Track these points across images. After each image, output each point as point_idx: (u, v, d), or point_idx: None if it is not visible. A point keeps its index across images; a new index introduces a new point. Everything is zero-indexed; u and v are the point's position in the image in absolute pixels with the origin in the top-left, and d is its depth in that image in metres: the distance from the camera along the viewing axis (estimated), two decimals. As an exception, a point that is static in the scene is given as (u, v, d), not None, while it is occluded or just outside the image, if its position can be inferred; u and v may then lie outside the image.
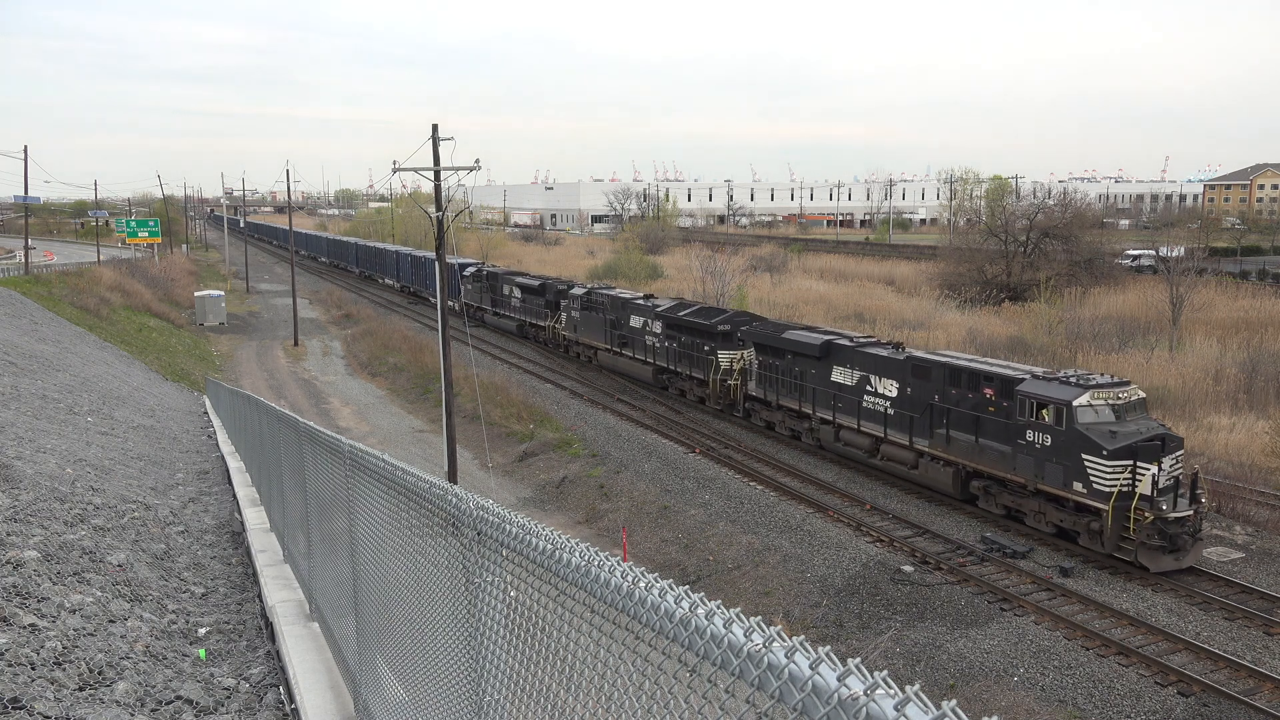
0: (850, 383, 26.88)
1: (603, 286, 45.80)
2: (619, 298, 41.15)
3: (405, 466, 4.85)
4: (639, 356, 38.78)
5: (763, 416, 31.37)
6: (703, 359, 33.91)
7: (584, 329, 43.62)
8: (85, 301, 57.56)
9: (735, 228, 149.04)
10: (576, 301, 43.96)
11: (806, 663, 1.71)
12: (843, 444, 27.28)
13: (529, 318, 50.82)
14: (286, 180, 72.45)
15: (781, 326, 31.66)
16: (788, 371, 29.38)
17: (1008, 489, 22.12)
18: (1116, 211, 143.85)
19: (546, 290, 49.11)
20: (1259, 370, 33.91)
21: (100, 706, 7.09)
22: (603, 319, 41.36)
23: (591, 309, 42.77)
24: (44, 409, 23.42)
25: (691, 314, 35.38)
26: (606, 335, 41.09)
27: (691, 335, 34.76)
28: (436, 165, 26.43)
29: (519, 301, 51.99)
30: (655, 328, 37.23)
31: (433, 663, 4.51)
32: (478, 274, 59.30)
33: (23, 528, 10.90)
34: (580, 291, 44.52)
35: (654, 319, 37.33)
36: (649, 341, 37.82)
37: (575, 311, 44.10)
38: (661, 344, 36.73)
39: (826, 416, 27.76)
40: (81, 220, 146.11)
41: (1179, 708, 15.11)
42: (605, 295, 42.32)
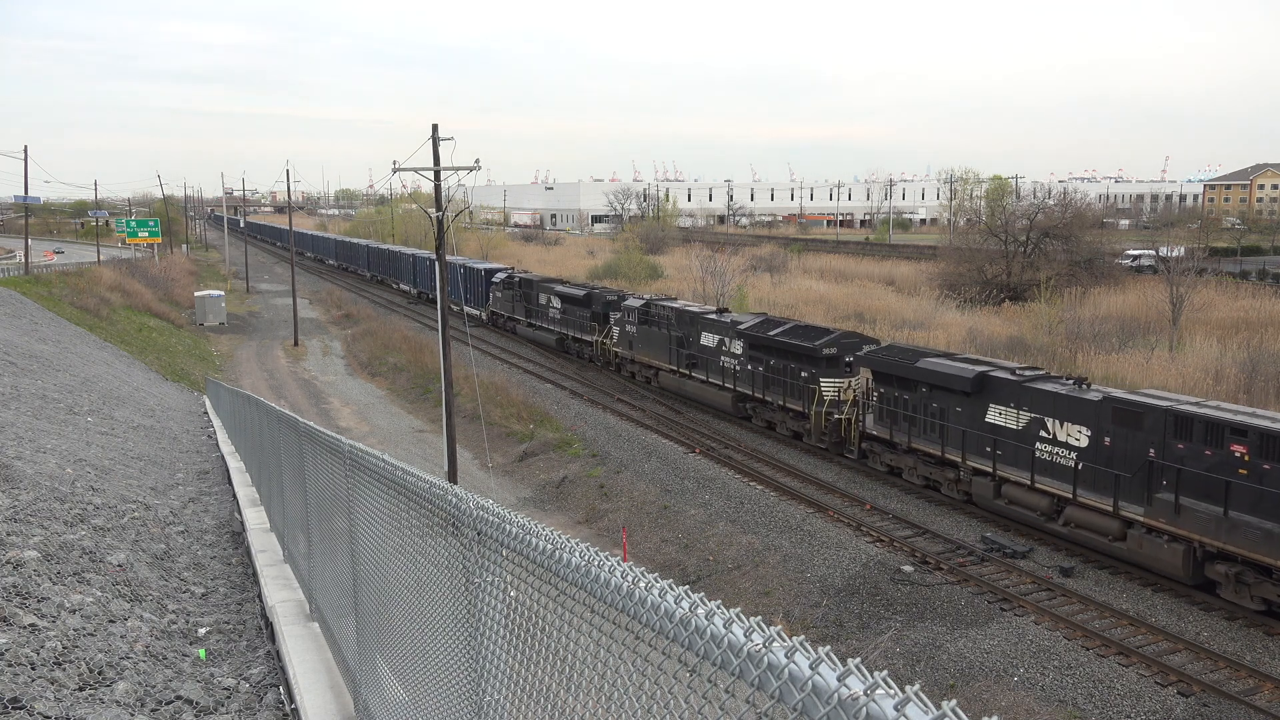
0: (1015, 426, 22.08)
1: (663, 298, 40.87)
2: (687, 311, 36.47)
3: (405, 466, 4.85)
4: (714, 380, 33.78)
5: (884, 460, 26.32)
6: (798, 387, 29.16)
7: (642, 345, 38.66)
8: (85, 301, 57.58)
9: (735, 228, 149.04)
10: (633, 314, 38.99)
11: (806, 663, 1.71)
12: (1006, 501, 22.26)
13: (571, 331, 45.99)
14: (286, 180, 72.52)
15: (914, 353, 26.51)
16: (922, 407, 24.63)
17: (1273, 578, 17.14)
18: (1116, 211, 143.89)
19: (593, 300, 44.05)
20: (1259, 370, 33.89)
21: (100, 706, 7.09)
22: (666, 335, 36.59)
23: (651, 323, 37.99)
24: (44, 409, 23.43)
25: (785, 333, 30.34)
26: (671, 354, 36.25)
27: (784, 358, 29.90)
28: (436, 165, 26.43)
29: (558, 312, 47.26)
30: (735, 347, 32.53)
31: (433, 663, 4.51)
32: (509, 281, 54.86)
33: (23, 528, 10.90)
34: (637, 303, 39.48)
35: (733, 337, 32.66)
36: (726, 363, 33.08)
37: (631, 325, 39.19)
38: (743, 367, 32.03)
39: (983, 467, 22.84)
40: (81, 220, 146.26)
41: (1179, 708, 15.11)
42: (669, 308, 37.54)
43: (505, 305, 54.72)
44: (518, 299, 52.65)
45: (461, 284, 60.15)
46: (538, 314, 49.88)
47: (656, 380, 38.09)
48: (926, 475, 24.95)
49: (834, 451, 28.16)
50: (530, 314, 50.89)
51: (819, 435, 28.69)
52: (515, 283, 53.99)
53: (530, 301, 50.89)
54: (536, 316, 50.11)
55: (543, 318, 49.38)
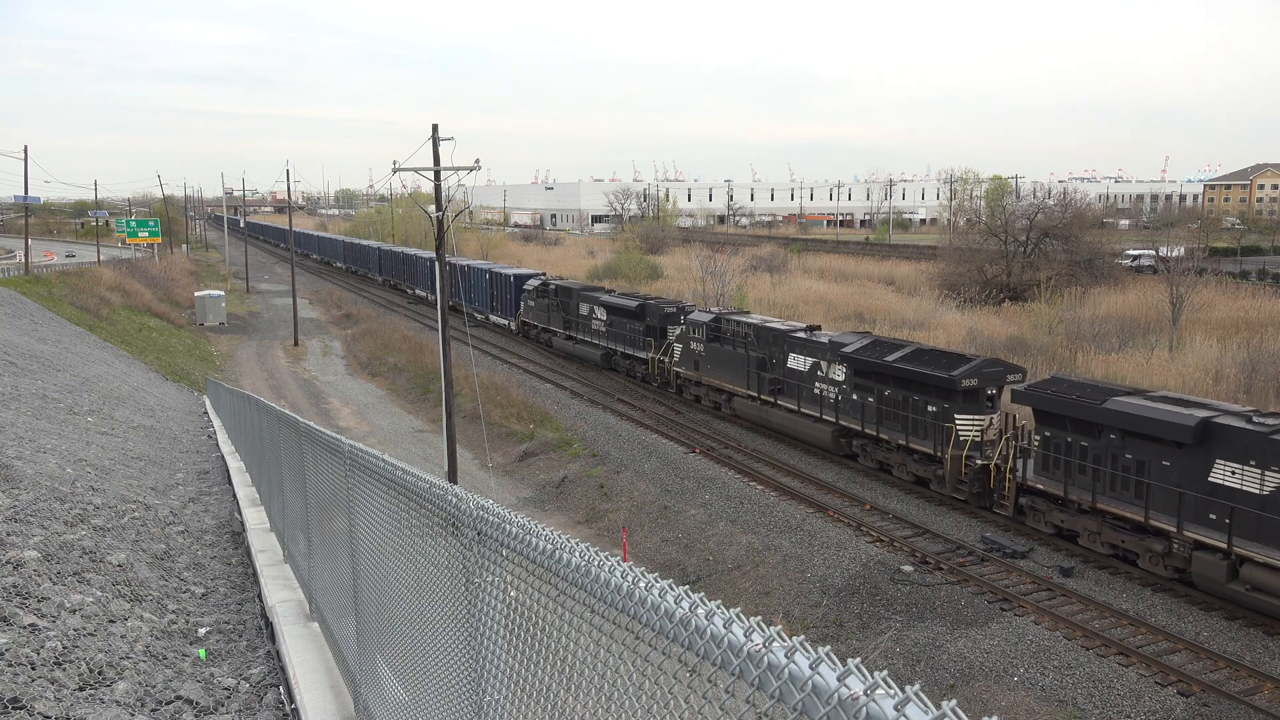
0: (1256, 489, 17.33)
1: (735, 312, 36.12)
2: (770, 329, 31.77)
3: (405, 466, 4.85)
4: (807, 411, 28.99)
5: (1051, 520, 21.39)
6: (925, 424, 24.47)
7: (711, 366, 34.14)
8: (85, 301, 57.59)
9: (735, 228, 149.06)
10: (699, 329, 34.53)
11: (806, 663, 1.71)
12: (1247, 586, 17.30)
13: (620, 346, 41.16)
14: (287, 180, 72.50)
15: (1096, 389, 21.35)
16: (1110, 458, 20.02)
17: None
18: (1116, 211, 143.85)
19: (647, 312, 39.29)
20: (1259, 370, 33.90)
21: (100, 706, 7.09)
22: (742, 355, 32.01)
23: (723, 340, 33.47)
24: (44, 409, 23.43)
25: (907, 359, 25.52)
26: (749, 377, 31.68)
27: (904, 388, 25.33)
28: (436, 165, 26.43)
29: (603, 325, 42.54)
30: (834, 373, 28.05)
31: (433, 663, 4.51)
32: (544, 289, 49.75)
33: (23, 528, 10.90)
34: (704, 318, 34.82)
35: (833, 360, 28.12)
36: (822, 391, 28.47)
37: (697, 343, 34.74)
38: (845, 396, 27.46)
39: (1209, 539, 17.88)
40: (81, 220, 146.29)
41: (1179, 708, 15.11)
42: (747, 324, 32.80)
43: (539, 315, 50.01)
44: (554, 309, 47.86)
45: (488, 291, 56.89)
46: (578, 326, 45.13)
47: (729, 406, 33.47)
48: (1116, 543, 20.09)
49: (975, 504, 23.39)
50: (569, 326, 46.19)
51: (955, 484, 23.79)
52: (551, 290, 48.94)
53: (569, 312, 46.27)
54: (577, 329, 45.33)
55: (585, 330, 44.52)
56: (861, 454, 27.36)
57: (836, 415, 27.85)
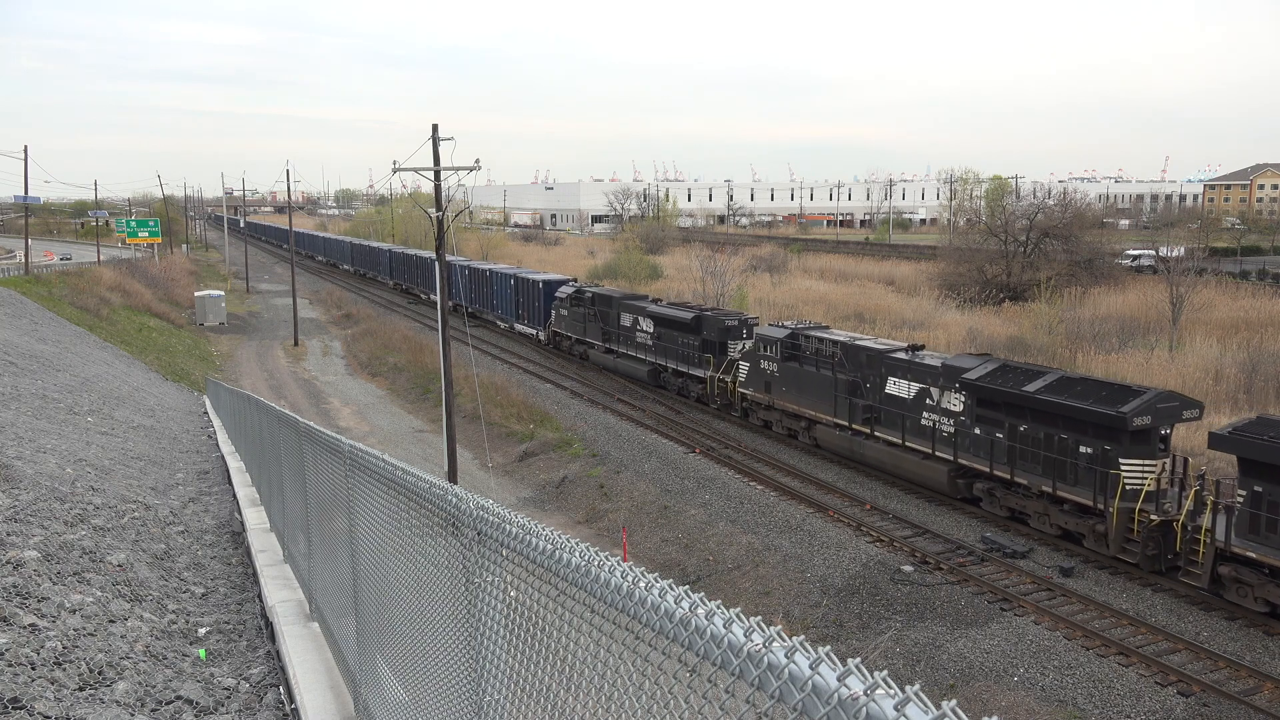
0: None
1: (813, 327, 31.76)
2: (862, 347, 27.70)
3: (405, 466, 4.85)
4: (915, 445, 24.97)
5: (1265, 596, 17.44)
6: (1077, 467, 20.69)
7: (787, 388, 29.99)
8: (85, 301, 57.59)
9: (735, 228, 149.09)
10: (771, 346, 30.65)
11: (806, 663, 1.71)
12: None
13: (671, 361, 37.24)
14: (287, 180, 72.50)
15: None
16: None
17: None
18: (1116, 211, 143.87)
19: (704, 325, 35.64)
20: (1259, 370, 33.92)
21: (100, 706, 7.09)
22: (827, 378, 28.12)
23: (801, 359, 29.54)
24: (44, 409, 23.43)
25: (1051, 389, 21.51)
26: (836, 403, 27.70)
27: (1048, 425, 21.39)
28: (436, 165, 26.44)
29: (650, 337, 38.86)
30: (950, 401, 24.29)
31: (433, 663, 4.51)
32: (579, 296, 45.78)
33: (23, 528, 10.90)
34: (778, 333, 30.80)
35: (948, 388, 24.28)
36: (934, 423, 24.57)
37: (769, 361, 30.73)
38: (965, 429, 23.61)
39: None
40: (81, 220, 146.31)
41: (1179, 708, 15.11)
42: (831, 341, 28.82)
43: (573, 325, 46.00)
44: (591, 318, 44.03)
45: (512, 297, 53.58)
46: (620, 338, 41.36)
47: (808, 434, 29.47)
48: None
49: (1148, 567, 19.59)
50: (609, 338, 42.33)
51: (1122, 543, 19.94)
52: (587, 298, 45.01)
53: (608, 322, 42.56)
54: (619, 341, 41.45)
55: (627, 343, 40.69)
56: (987, 498, 23.34)
57: (954, 452, 23.70)
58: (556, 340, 48.68)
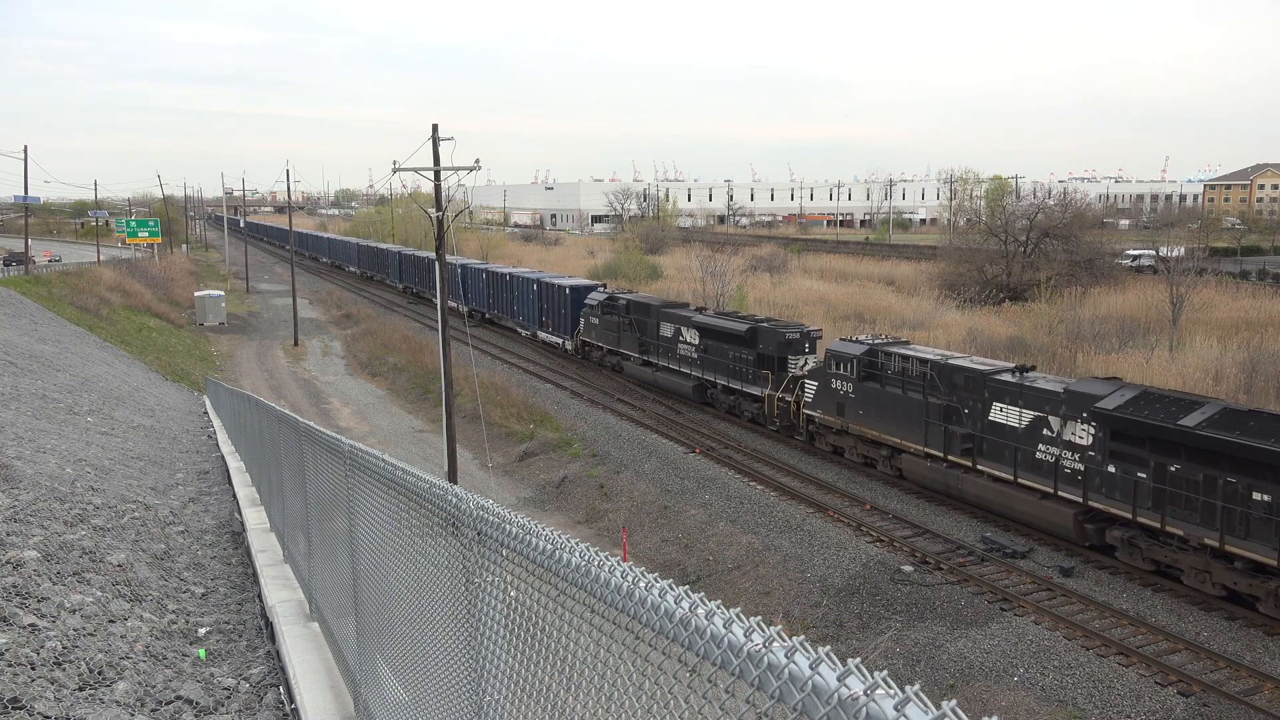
0: None
1: (895, 343, 28.00)
2: (957, 367, 24.18)
3: (405, 466, 4.85)
4: (1030, 482, 21.62)
5: None
6: (1249, 518, 17.43)
7: (864, 412, 26.57)
8: (85, 301, 57.61)
9: (735, 228, 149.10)
10: (847, 365, 27.06)
11: (806, 663, 1.71)
12: None
13: (720, 377, 33.91)
14: (287, 180, 72.51)
15: None
16: None
17: None
18: (1116, 211, 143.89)
19: (760, 338, 32.07)
20: (1259, 370, 33.90)
21: (100, 706, 7.09)
22: (917, 401, 24.64)
23: (883, 380, 25.97)
24: (44, 409, 23.43)
25: (1214, 424, 18.18)
26: (928, 430, 24.32)
27: (1208, 465, 18.13)
28: (436, 165, 26.44)
29: (694, 350, 35.55)
30: (1075, 433, 20.73)
31: (433, 663, 4.51)
32: (611, 304, 42.25)
33: (23, 528, 10.90)
34: (853, 350, 27.20)
35: (1072, 417, 20.80)
36: (1056, 457, 21.01)
37: (842, 381, 27.23)
38: (1096, 467, 20.11)
39: None
40: (81, 220, 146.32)
41: (1179, 708, 15.11)
42: (920, 360, 25.31)
43: (605, 335, 42.58)
44: (625, 328, 40.65)
45: (535, 303, 50.37)
46: (660, 350, 38.04)
47: (891, 463, 26.16)
48: None
49: None
50: (647, 349, 39.09)
51: None
52: (620, 306, 41.60)
53: (645, 332, 39.24)
54: (658, 353, 38.22)
55: (668, 356, 37.45)
56: (1124, 548, 19.94)
57: (1084, 492, 20.28)
58: (585, 350, 45.43)
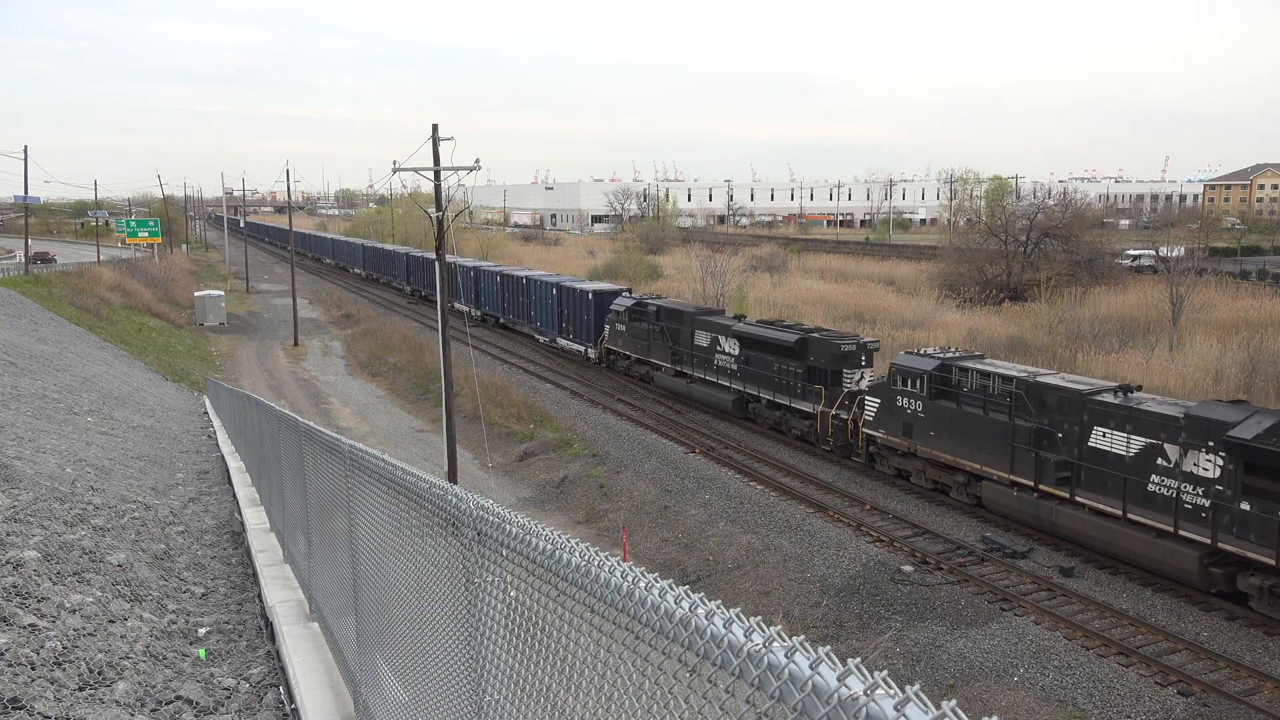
0: None
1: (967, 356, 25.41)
2: (1049, 386, 21.67)
3: (405, 466, 4.85)
4: (1143, 517, 19.16)
5: None
6: None
7: (936, 433, 24.16)
8: (85, 301, 57.61)
9: (735, 228, 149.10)
10: (916, 381, 24.66)
11: (806, 663, 1.71)
12: None
13: (764, 391, 31.51)
14: (287, 180, 72.50)
15: None
16: None
17: None
18: (1116, 211, 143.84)
19: (810, 349, 29.56)
20: (1259, 370, 33.91)
21: (100, 706, 7.09)
22: (1001, 423, 22.24)
23: (960, 399, 23.54)
24: (44, 409, 23.43)
25: None
26: (1015, 455, 21.82)
27: None
28: (436, 165, 26.44)
29: (734, 361, 33.31)
30: (1199, 464, 18.44)
31: (433, 663, 4.51)
32: (640, 310, 39.53)
33: (23, 528, 10.90)
34: (923, 365, 24.76)
35: (1197, 446, 18.42)
36: (1172, 490, 18.78)
37: (909, 399, 24.80)
38: (1230, 501, 17.78)
39: None
40: (81, 220, 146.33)
41: (1179, 708, 15.11)
42: (1003, 377, 22.81)
43: (632, 343, 39.99)
44: (656, 336, 38.18)
45: (554, 309, 48.01)
46: (695, 360, 35.64)
47: (969, 490, 23.73)
48: None
49: None
50: (680, 359, 36.72)
51: None
52: (650, 313, 38.95)
53: (679, 341, 36.84)
54: (693, 364, 35.82)
55: (704, 367, 35.09)
56: (1260, 596, 17.44)
57: (1212, 532, 17.92)
58: (610, 359, 42.95)
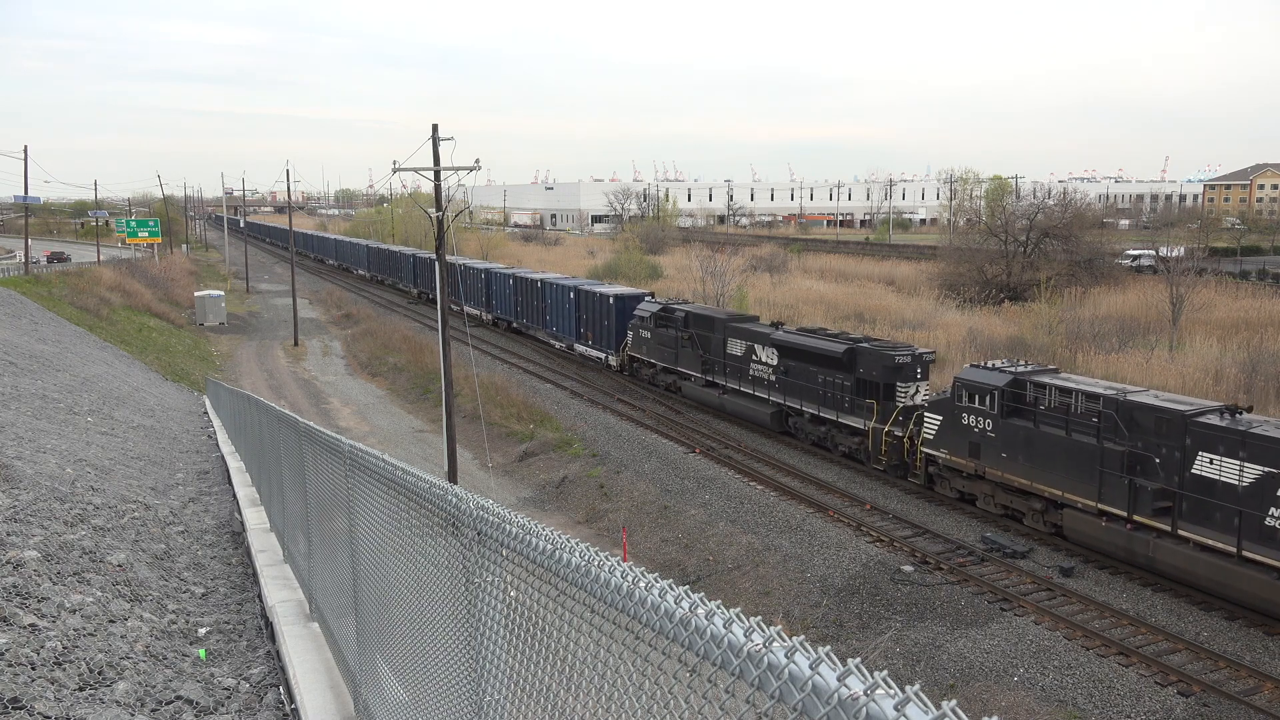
0: None
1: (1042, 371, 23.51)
2: (1145, 406, 19.51)
3: (405, 466, 4.85)
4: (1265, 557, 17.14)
5: None
6: None
7: (1011, 454, 21.98)
8: (85, 301, 57.60)
9: (735, 228, 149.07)
10: (984, 397, 22.58)
11: (806, 663, 1.71)
12: None
13: (808, 404, 29.33)
14: (287, 180, 72.48)
15: None
16: None
17: None
18: (1116, 211, 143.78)
19: (860, 360, 27.51)
20: (1259, 370, 33.90)
21: (100, 706, 7.09)
22: (1087, 445, 20.13)
23: (1037, 418, 21.40)
24: (44, 409, 23.42)
25: None
26: (1104, 482, 19.74)
27: None
28: (436, 165, 26.43)
29: (771, 371, 31.13)
30: None
31: (433, 663, 4.51)
32: (666, 316, 37.37)
33: (23, 528, 10.90)
34: (994, 380, 22.64)
35: None
36: None
37: (977, 416, 22.72)
38: None
39: None
40: (81, 220, 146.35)
41: (1179, 708, 15.11)
42: (1087, 393, 20.75)
43: (658, 351, 37.94)
44: (684, 343, 36.01)
45: (572, 313, 46.13)
46: (729, 370, 33.52)
47: (1047, 517, 21.62)
48: None
49: None
50: (711, 369, 34.60)
51: None
52: (679, 319, 36.63)
53: (709, 349, 34.78)
54: (725, 373, 33.72)
55: (738, 377, 32.89)
56: None
57: None
58: (633, 367, 40.90)
